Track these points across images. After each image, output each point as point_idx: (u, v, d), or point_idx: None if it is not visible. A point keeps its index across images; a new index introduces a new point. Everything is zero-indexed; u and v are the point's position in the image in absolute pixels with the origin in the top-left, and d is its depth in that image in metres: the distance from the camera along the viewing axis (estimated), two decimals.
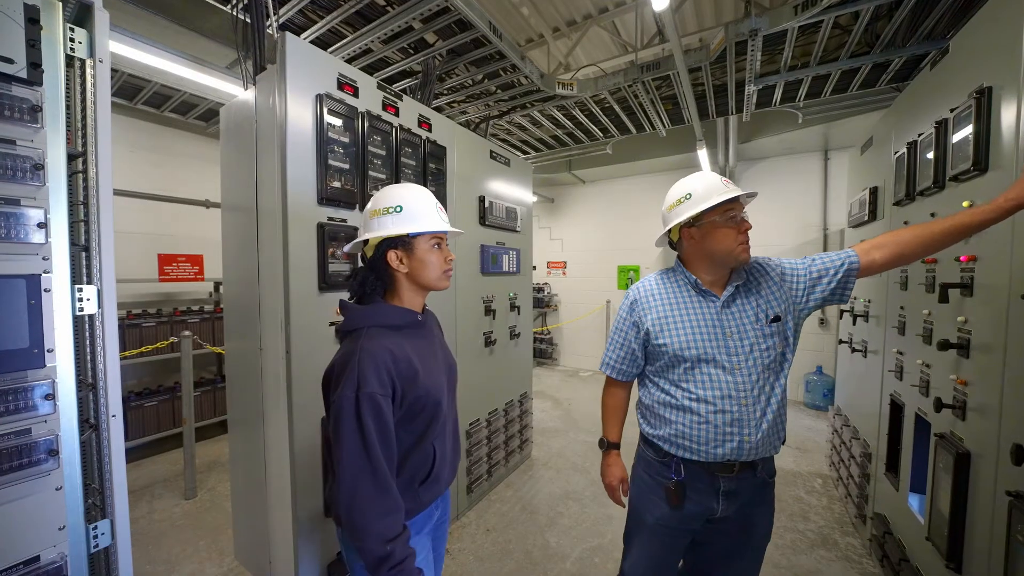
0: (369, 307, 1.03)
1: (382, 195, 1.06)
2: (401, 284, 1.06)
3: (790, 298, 1.19)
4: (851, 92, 2.92)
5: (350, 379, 0.90)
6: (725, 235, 1.16)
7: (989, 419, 1.27)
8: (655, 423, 1.25)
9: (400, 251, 1.02)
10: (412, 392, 0.96)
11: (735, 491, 1.18)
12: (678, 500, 1.19)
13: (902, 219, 1.94)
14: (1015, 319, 1.16)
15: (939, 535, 1.47)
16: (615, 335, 1.34)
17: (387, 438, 0.91)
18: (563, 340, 6.87)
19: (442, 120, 2.32)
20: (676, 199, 1.21)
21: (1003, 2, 1.26)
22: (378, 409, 0.89)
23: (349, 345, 0.97)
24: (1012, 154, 1.19)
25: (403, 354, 0.96)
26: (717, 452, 1.15)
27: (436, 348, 1.12)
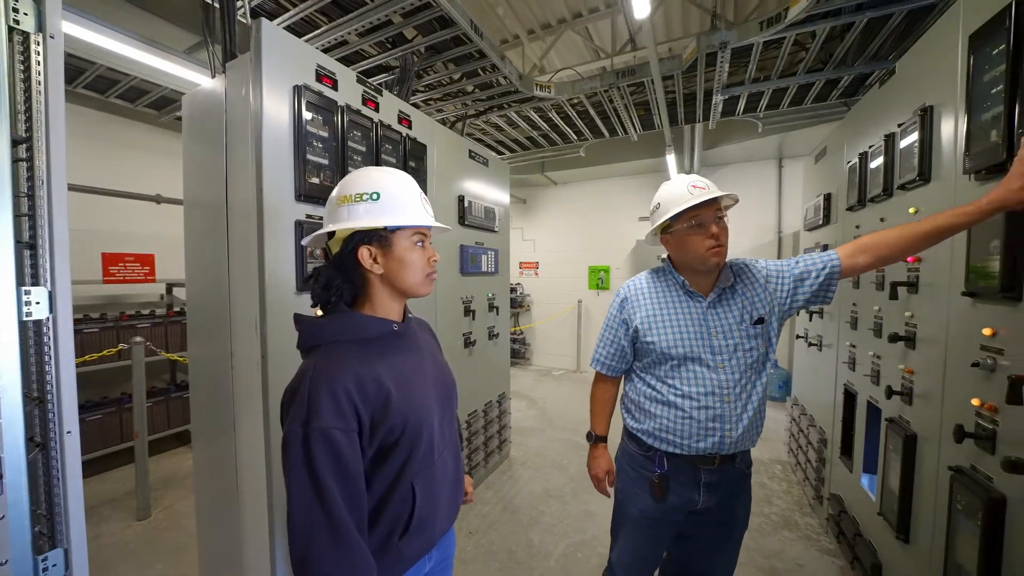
0: (328, 319, 0.83)
1: (354, 178, 0.85)
2: (374, 288, 0.87)
3: (774, 299, 1.23)
4: (806, 105, 3.15)
5: (298, 410, 0.73)
6: (693, 241, 1.19)
7: (932, 404, 1.41)
8: (640, 417, 1.28)
9: (375, 248, 0.84)
10: (385, 423, 0.78)
11: (716, 483, 1.22)
12: (662, 493, 1.23)
13: (854, 223, 2.11)
14: (955, 314, 1.30)
15: (890, 510, 1.62)
16: (605, 332, 1.37)
17: (350, 484, 0.73)
18: (535, 340, 6.94)
19: (422, 117, 2.28)
20: (652, 208, 1.29)
21: (942, 30, 1.41)
22: (335, 448, 0.72)
23: (302, 366, 0.79)
24: (952, 166, 1.33)
25: (371, 374, 0.78)
26: (699, 446, 1.19)
27: (424, 362, 0.92)
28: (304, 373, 0.77)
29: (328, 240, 0.89)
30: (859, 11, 2.04)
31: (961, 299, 1.26)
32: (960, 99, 1.29)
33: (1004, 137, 1.06)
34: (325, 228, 0.86)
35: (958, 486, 1.22)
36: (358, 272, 0.86)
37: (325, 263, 0.91)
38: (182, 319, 3.56)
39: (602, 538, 2.36)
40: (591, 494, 2.84)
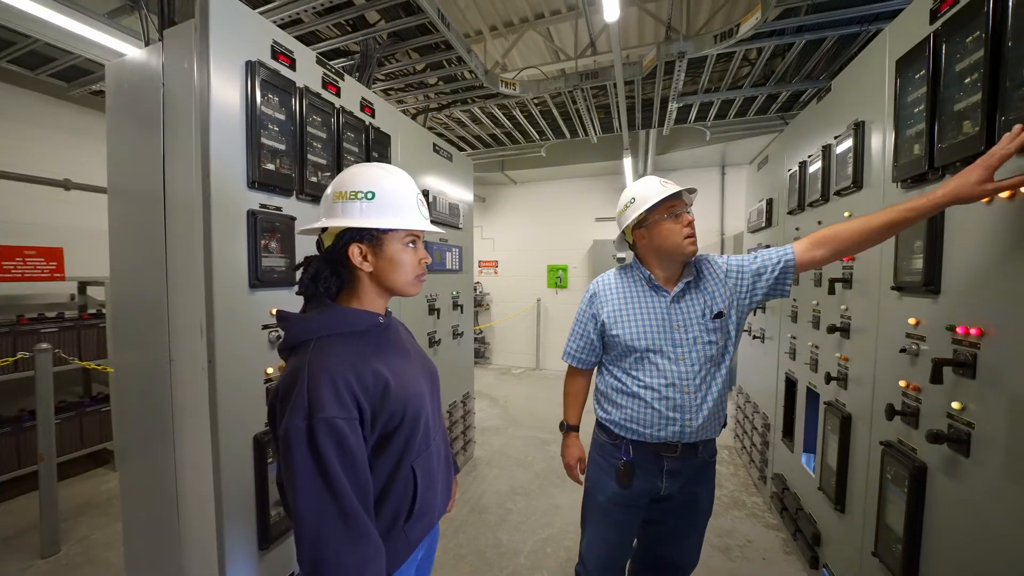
0: (316, 314, 0.83)
1: (351, 175, 0.86)
2: (362, 285, 0.88)
3: (734, 294, 1.28)
4: (749, 116, 3.42)
5: (298, 405, 0.71)
6: (670, 230, 1.25)
7: (865, 387, 1.58)
8: (608, 408, 1.34)
9: (366, 246, 0.84)
10: (384, 409, 0.79)
11: (678, 470, 1.28)
12: (627, 479, 1.28)
13: (794, 226, 2.32)
14: (884, 306, 1.47)
15: (828, 485, 1.80)
16: (576, 326, 1.42)
17: (357, 468, 0.74)
18: (495, 339, 6.93)
19: (386, 106, 2.18)
20: (623, 205, 1.33)
21: (872, 54, 1.58)
22: (340, 436, 0.72)
23: (295, 362, 0.78)
24: (881, 174, 1.50)
25: (367, 365, 0.79)
26: (660, 435, 1.25)
27: (409, 352, 0.96)
28: (299, 368, 0.76)
29: (321, 233, 0.89)
30: (799, 33, 2.25)
31: (890, 293, 1.42)
32: (888, 116, 1.45)
33: (926, 150, 1.21)
34: (319, 222, 0.86)
35: (888, 458, 1.38)
36: (347, 268, 0.87)
37: (318, 253, 0.90)
38: (100, 322, 3.12)
39: (569, 531, 2.40)
40: (557, 488, 2.88)
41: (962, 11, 1.11)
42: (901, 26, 1.40)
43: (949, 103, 1.14)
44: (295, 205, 1.58)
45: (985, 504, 1.04)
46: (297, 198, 1.59)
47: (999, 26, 1.00)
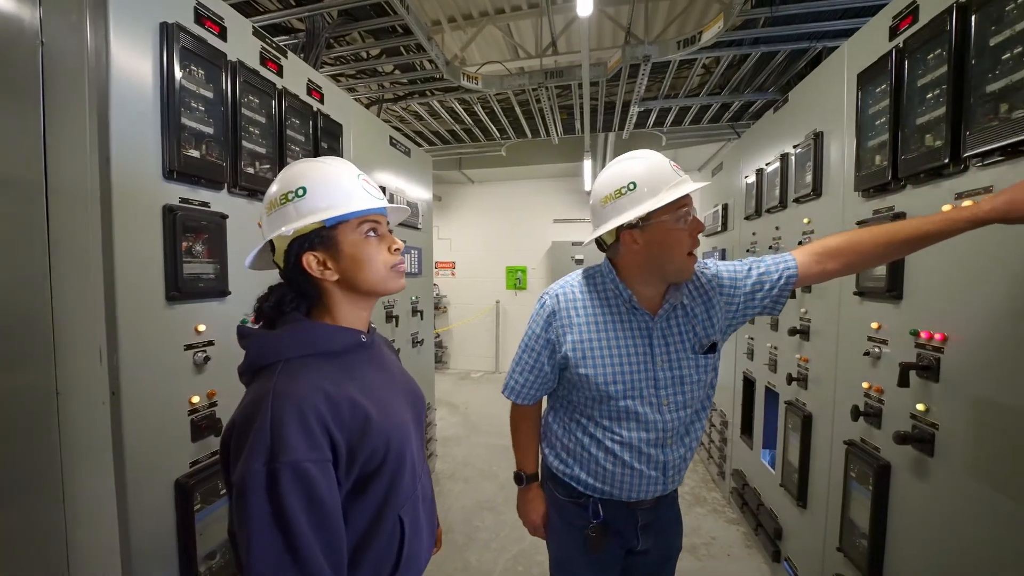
0: (285, 330, 0.71)
1: (278, 181, 0.74)
2: (333, 296, 0.74)
3: (725, 314, 1.02)
4: (703, 124, 3.56)
5: (259, 445, 0.59)
6: (679, 241, 0.91)
7: (826, 387, 1.64)
8: (568, 460, 1.05)
9: (320, 252, 0.71)
10: (364, 447, 0.67)
11: (652, 521, 1.07)
12: (599, 547, 1.02)
13: (751, 231, 2.41)
14: (845, 310, 1.53)
15: (790, 481, 1.86)
16: (525, 355, 1.06)
17: (328, 523, 0.62)
18: (453, 342, 6.74)
19: (337, 92, 1.96)
20: (615, 188, 0.91)
21: (830, 68, 1.65)
22: (309, 485, 0.60)
23: (256, 390, 0.65)
24: (840, 183, 1.56)
25: (343, 393, 0.67)
26: (639, 495, 1.02)
27: (394, 375, 0.83)
28: (261, 398, 0.63)
29: (274, 256, 0.75)
30: (755, 44, 2.34)
31: (851, 298, 1.48)
32: (846, 126, 1.51)
33: (890, 161, 1.26)
34: (262, 241, 0.75)
35: (851, 457, 1.43)
36: (310, 283, 0.74)
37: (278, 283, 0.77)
38: None
39: (540, 545, 2.31)
40: None
41: (923, 29, 1.16)
42: (860, 42, 1.46)
43: (912, 116, 1.19)
44: (227, 200, 1.34)
45: (950, 501, 1.08)
46: (230, 192, 1.35)
47: (962, 44, 1.04)
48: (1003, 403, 0.95)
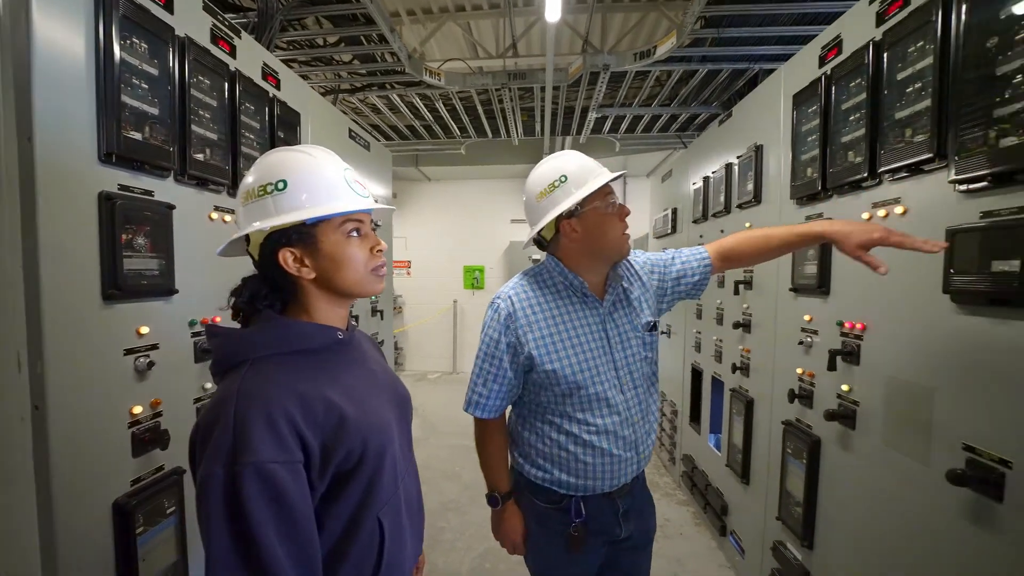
0: (256, 328, 0.67)
1: (255, 169, 0.70)
2: (309, 295, 0.71)
3: (656, 296, 1.13)
4: (653, 133, 3.79)
5: (218, 446, 0.56)
6: (611, 223, 1.00)
7: (765, 374, 1.83)
8: (546, 466, 1.04)
9: (298, 249, 0.67)
10: (340, 447, 0.63)
11: (630, 507, 1.10)
12: (581, 546, 1.04)
13: (698, 233, 2.61)
14: (782, 305, 1.71)
15: (734, 461, 2.05)
16: (485, 364, 1.04)
17: (298, 532, 0.57)
18: (409, 343, 6.57)
19: (294, 79, 1.84)
20: (547, 184, 1.00)
21: (769, 87, 1.84)
22: (277, 489, 0.56)
23: (222, 390, 0.63)
24: (777, 191, 1.74)
25: (317, 392, 0.64)
26: (619, 481, 1.05)
27: (375, 374, 0.78)
28: (224, 399, 0.59)
29: (248, 246, 0.71)
30: (703, 62, 2.55)
31: (787, 294, 1.66)
32: (783, 141, 1.69)
33: (820, 173, 1.44)
34: (236, 233, 0.70)
35: (788, 435, 1.61)
36: (286, 279, 0.70)
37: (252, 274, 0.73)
38: None
39: None
40: None
41: (846, 60, 1.34)
42: (795, 67, 1.64)
43: (837, 135, 1.37)
44: (174, 189, 1.22)
45: (868, 466, 1.26)
46: (177, 180, 1.23)
47: (876, 76, 1.21)
48: (907, 380, 1.13)
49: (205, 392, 1.32)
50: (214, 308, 1.33)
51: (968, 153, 0.96)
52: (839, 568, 1.37)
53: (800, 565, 1.52)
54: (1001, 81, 0.90)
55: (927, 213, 1.08)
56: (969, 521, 0.96)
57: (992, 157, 0.91)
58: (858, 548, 1.29)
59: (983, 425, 0.94)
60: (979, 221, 0.94)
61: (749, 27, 2.21)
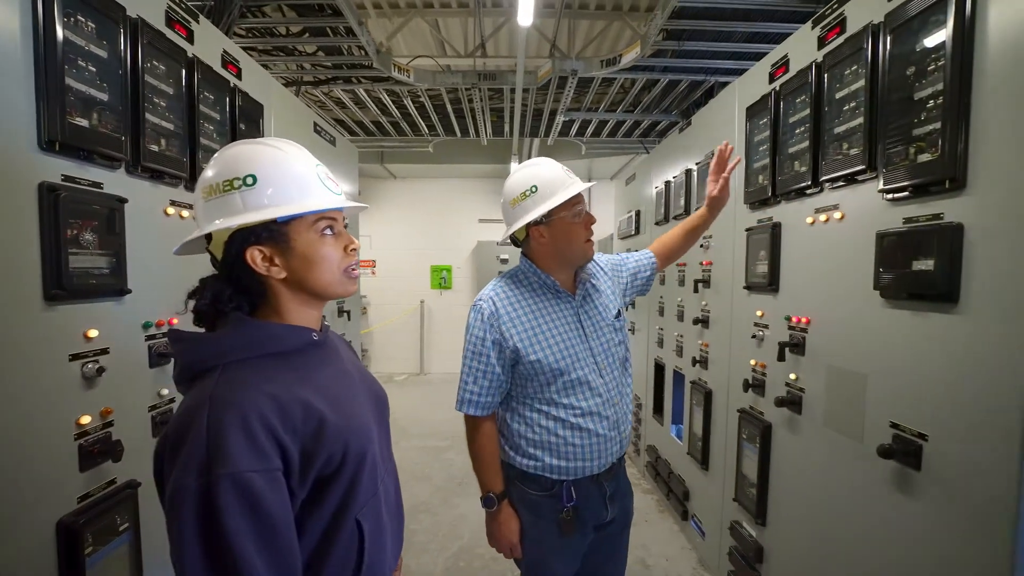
0: (226, 331, 0.64)
1: (218, 161, 0.66)
2: (280, 296, 0.68)
3: (620, 290, 1.26)
4: (618, 138, 3.93)
5: (191, 457, 0.53)
6: (576, 232, 1.09)
7: (722, 367, 1.97)
8: (538, 454, 1.09)
9: (267, 247, 0.64)
10: (321, 452, 0.61)
11: (615, 489, 1.16)
12: (572, 530, 1.09)
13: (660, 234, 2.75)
14: (736, 302, 1.85)
15: (695, 449, 2.18)
16: (473, 363, 1.10)
17: (279, 543, 0.56)
18: (374, 344, 6.40)
19: (257, 69, 1.76)
20: (520, 192, 1.08)
21: (725, 99, 1.98)
22: (254, 499, 0.54)
23: (193, 397, 0.59)
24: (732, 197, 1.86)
25: (295, 396, 0.62)
26: (605, 461, 1.11)
27: (350, 375, 0.77)
28: (195, 407, 0.57)
29: (208, 244, 0.67)
30: (664, 72, 2.68)
31: (741, 291, 1.79)
32: (737, 149, 1.82)
33: (770, 180, 1.57)
34: (198, 231, 0.66)
35: (743, 422, 1.74)
36: (253, 279, 0.66)
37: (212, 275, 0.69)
38: None
39: (480, 538, 2.35)
40: (460, 497, 2.80)
41: (792, 78, 1.47)
42: (748, 81, 1.78)
43: (786, 146, 1.50)
44: (126, 182, 1.14)
45: (811, 446, 1.39)
46: (129, 172, 1.14)
47: (818, 94, 1.34)
48: (844, 368, 1.26)
49: (161, 399, 1.24)
50: (171, 309, 1.25)
51: (893, 166, 1.09)
52: (788, 540, 1.51)
53: (755, 541, 1.65)
54: (918, 104, 1.03)
55: (860, 218, 1.21)
56: (895, 488, 1.09)
57: (911, 170, 1.04)
58: (804, 520, 1.42)
59: (906, 404, 1.08)
60: (902, 226, 1.07)
61: (706, 41, 2.36)
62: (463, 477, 3.02)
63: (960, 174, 0.94)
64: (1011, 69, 0.86)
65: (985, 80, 0.90)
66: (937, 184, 0.99)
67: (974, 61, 0.92)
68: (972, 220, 0.93)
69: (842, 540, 1.26)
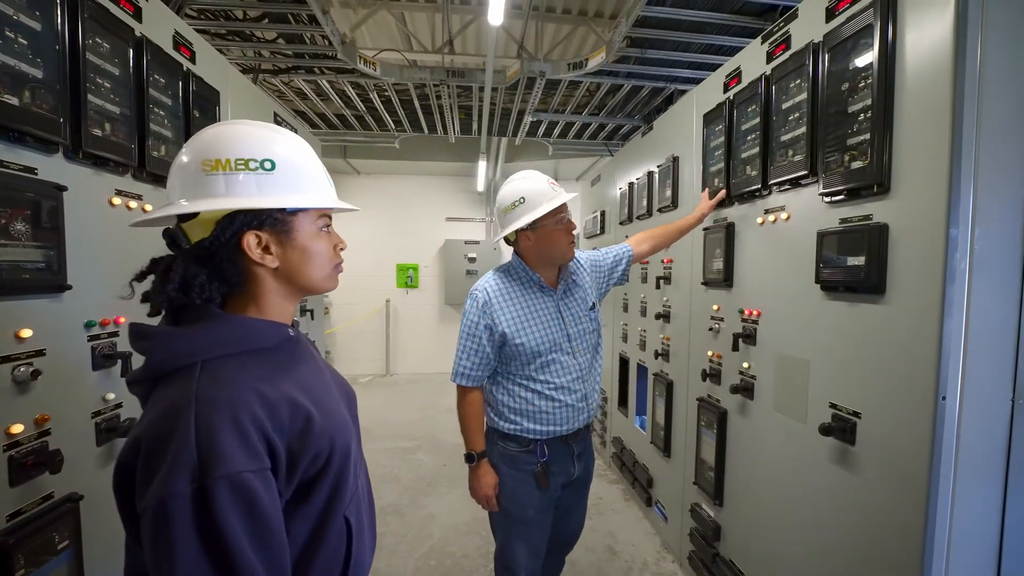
0: (200, 327, 0.60)
1: (230, 137, 0.63)
2: (263, 286, 0.66)
3: (597, 284, 1.46)
4: (583, 140, 4.04)
5: (181, 461, 0.50)
6: (558, 238, 1.28)
7: (682, 358, 2.08)
8: (517, 419, 1.31)
9: (268, 234, 0.64)
10: (307, 451, 0.60)
11: (583, 450, 1.40)
12: (547, 480, 1.31)
13: (624, 233, 2.85)
14: (695, 297, 1.96)
15: (658, 438, 2.29)
16: (468, 342, 1.31)
17: (273, 542, 0.55)
18: (337, 346, 6.16)
19: (212, 53, 1.66)
20: (510, 202, 1.29)
21: (684, 106, 2.09)
22: (251, 499, 0.52)
23: (171, 398, 0.55)
24: (690, 197, 1.99)
25: (281, 393, 0.60)
26: (573, 426, 1.33)
27: (323, 372, 0.76)
28: (179, 408, 0.53)
29: (180, 222, 0.63)
30: (628, 78, 2.79)
31: (699, 287, 1.91)
32: (695, 154, 1.94)
33: (726, 183, 1.68)
34: (183, 207, 0.61)
35: (702, 410, 1.85)
36: (237, 266, 0.63)
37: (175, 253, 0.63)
38: None
39: (449, 537, 2.35)
40: (428, 497, 2.78)
41: (744, 89, 1.58)
42: (705, 90, 1.89)
43: (739, 151, 1.61)
44: (65, 168, 1.04)
45: (762, 429, 1.51)
46: (69, 157, 1.05)
47: (767, 104, 1.46)
48: (790, 355, 1.38)
49: (107, 404, 1.14)
50: (117, 308, 1.15)
51: (830, 172, 1.20)
52: (743, 517, 1.62)
53: (713, 520, 1.77)
54: (851, 117, 1.15)
55: (803, 219, 1.33)
56: (834, 463, 1.21)
57: (846, 176, 1.16)
58: (756, 499, 1.54)
59: (842, 386, 1.20)
60: (838, 226, 1.19)
61: (667, 51, 2.48)
62: (432, 478, 2.99)
63: (886, 180, 1.06)
64: (925, 87, 0.98)
65: (905, 96, 1.03)
66: (867, 188, 1.11)
67: (896, 79, 1.04)
68: (896, 221, 1.05)
69: (790, 513, 1.38)
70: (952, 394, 0.95)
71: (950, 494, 0.97)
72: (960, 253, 0.94)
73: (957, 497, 0.97)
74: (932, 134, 0.97)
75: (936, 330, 0.95)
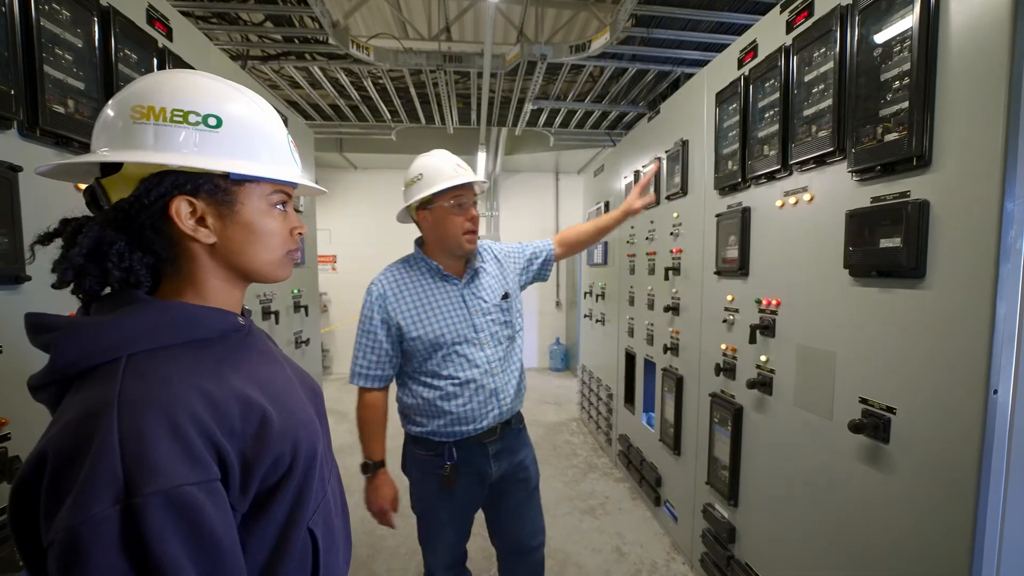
0: (122, 314, 0.50)
1: (173, 84, 0.54)
2: (198, 264, 0.56)
3: (513, 274, 1.39)
4: (585, 129, 3.92)
5: (98, 479, 0.41)
6: (453, 222, 1.19)
7: (692, 353, 1.99)
8: (423, 421, 1.23)
9: (204, 202, 0.54)
10: (265, 456, 0.52)
11: (501, 449, 1.29)
12: (452, 483, 1.22)
13: (630, 224, 2.75)
14: (707, 288, 1.87)
15: (667, 435, 2.20)
16: (363, 338, 1.23)
17: (224, 566, 0.46)
18: (336, 344, 6.08)
19: (191, 31, 1.56)
20: (411, 177, 1.22)
21: (693, 87, 1.98)
22: (195, 518, 0.44)
23: (85, 402, 0.45)
24: (701, 183, 1.89)
25: (229, 390, 0.52)
26: (483, 424, 1.23)
27: (283, 366, 0.67)
28: (94, 413, 0.43)
29: (102, 176, 0.53)
30: (632, 61, 2.68)
31: (711, 277, 1.81)
32: (707, 136, 1.84)
33: (740, 166, 1.58)
34: (102, 155, 0.51)
35: (714, 406, 1.76)
36: (164, 235, 0.53)
37: (92, 214, 0.53)
38: None
39: None
40: None
41: (761, 63, 1.48)
42: (717, 67, 1.79)
43: (755, 130, 1.51)
44: (20, 146, 0.95)
45: (781, 426, 1.42)
46: (24, 135, 0.96)
47: (787, 78, 1.36)
48: (813, 347, 1.29)
49: None
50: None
51: (861, 146, 1.10)
52: (760, 519, 1.54)
53: (727, 522, 1.68)
54: (885, 85, 1.05)
55: (829, 200, 1.23)
56: (864, 462, 1.12)
57: (879, 150, 1.06)
58: (775, 499, 1.45)
59: (874, 379, 1.10)
60: (870, 205, 1.09)
61: (674, 30, 2.37)
62: None
63: (926, 152, 0.96)
64: (973, 50, 0.88)
65: (950, 58, 0.92)
66: (904, 163, 1.01)
67: (939, 43, 0.94)
68: (938, 197, 0.95)
69: (813, 514, 1.29)
70: (1005, 388, 0.86)
71: (1001, 498, 0.88)
72: (1016, 230, 0.84)
73: (1009, 501, 0.88)
74: (983, 98, 0.87)
75: (987, 316, 0.85)
